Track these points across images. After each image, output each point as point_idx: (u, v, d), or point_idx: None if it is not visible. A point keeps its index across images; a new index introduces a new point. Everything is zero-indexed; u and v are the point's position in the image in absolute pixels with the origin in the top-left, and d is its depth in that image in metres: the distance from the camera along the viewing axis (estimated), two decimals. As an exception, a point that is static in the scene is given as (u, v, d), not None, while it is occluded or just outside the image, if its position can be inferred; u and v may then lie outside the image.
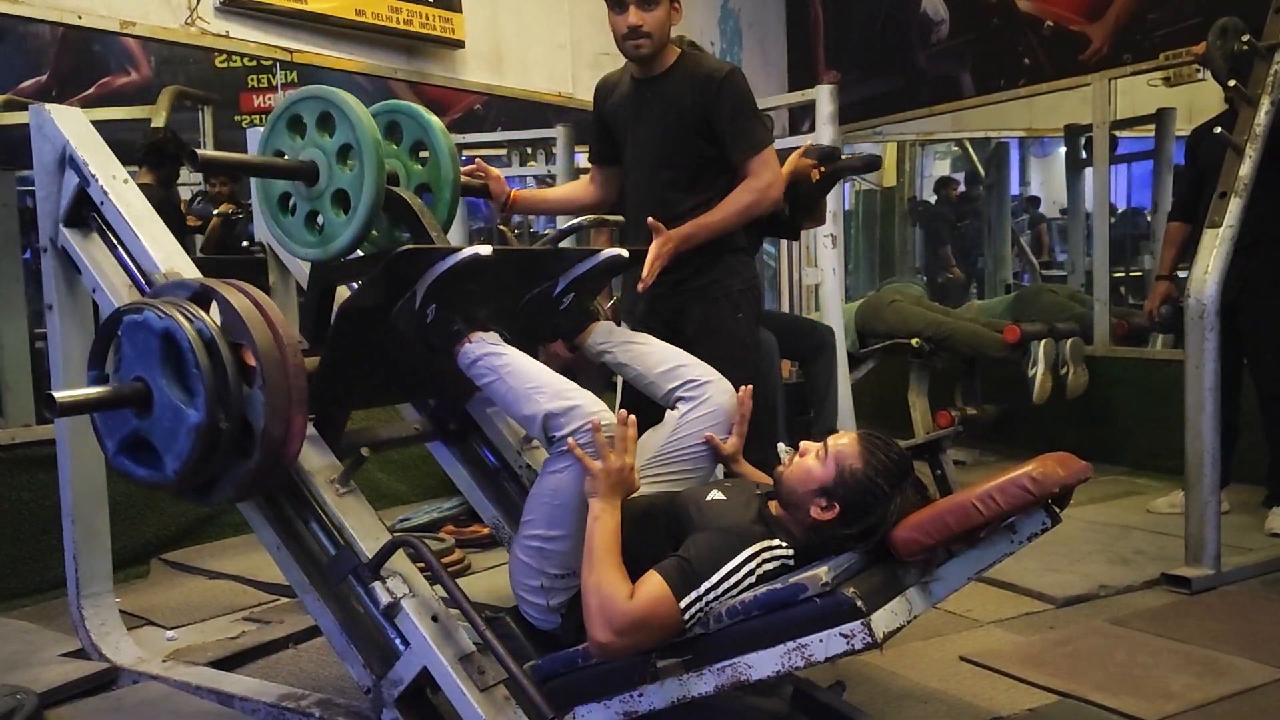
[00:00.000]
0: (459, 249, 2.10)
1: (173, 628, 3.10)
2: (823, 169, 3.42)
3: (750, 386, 2.37)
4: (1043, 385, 4.85)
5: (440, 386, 2.49)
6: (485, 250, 2.10)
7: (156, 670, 2.63)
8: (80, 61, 4.08)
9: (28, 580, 3.47)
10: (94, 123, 2.54)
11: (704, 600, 1.80)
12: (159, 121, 4.69)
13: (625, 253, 2.49)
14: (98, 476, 2.70)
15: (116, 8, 3.84)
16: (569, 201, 3.22)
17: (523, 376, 2.07)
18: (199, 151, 2.24)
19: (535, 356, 2.49)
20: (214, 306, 1.98)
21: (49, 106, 2.53)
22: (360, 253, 2.39)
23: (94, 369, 2.05)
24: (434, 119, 2.45)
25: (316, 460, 2.14)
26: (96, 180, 2.41)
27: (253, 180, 2.48)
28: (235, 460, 1.96)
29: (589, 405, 1.99)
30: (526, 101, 5.25)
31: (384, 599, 1.94)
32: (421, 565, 2.01)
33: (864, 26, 6.38)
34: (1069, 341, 4.97)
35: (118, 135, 2.50)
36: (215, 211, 4.50)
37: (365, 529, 2.06)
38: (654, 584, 1.80)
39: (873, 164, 3.85)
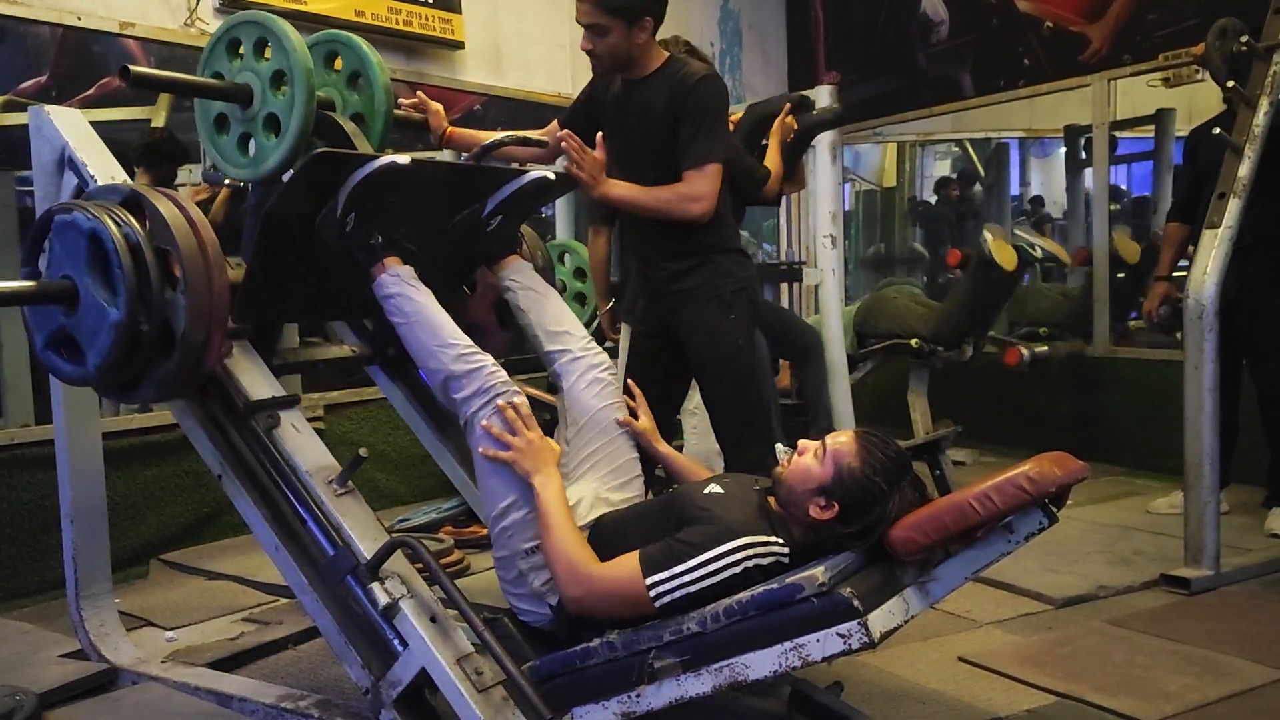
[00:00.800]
0: (376, 155, 2.14)
1: (172, 628, 3.10)
2: (794, 122, 3.45)
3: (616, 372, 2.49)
4: (1003, 252, 4.85)
5: (375, 307, 2.52)
6: (403, 159, 2.15)
7: (156, 671, 2.63)
8: (80, 62, 4.07)
9: (27, 580, 3.47)
10: (94, 123, 2.55)
11: (678, 582, 1.83)
12: (159, 122, 4.68)
13: (552, 174, 2.56)
14: (97, 475, 2.71)
15: (116, 9, 3.85)
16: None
17: (430, 329, 2.15)
18: (133, 68, 2.28)
19: (465, 284, 2.61)
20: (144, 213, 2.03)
21: (48, 108, 2.53)
22: None
23: (26, 265, 2.14)
24: (372, 51, 2.57)
25: (314, 460, 2.15)
26: (95, 181, 2.41)
27: (195, 101, 2.53)
28: (156, 361, 2.02)
29: (487, 370, 2.10)
30: (526, 101, 5.26)
31: (382, 600, 1.94)
32: (420, 566, 2.02)
33: (864, 27, 6.38)
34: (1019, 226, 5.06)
35: (118, 135, 2.53)
36: (226, 181, 4.47)
37: (364, 529, 2.06)
38: (629, 560, 1.88)
39: (839, 118, 3.84)
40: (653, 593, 1.84)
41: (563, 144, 2.63)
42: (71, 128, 2.49)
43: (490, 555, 3.64)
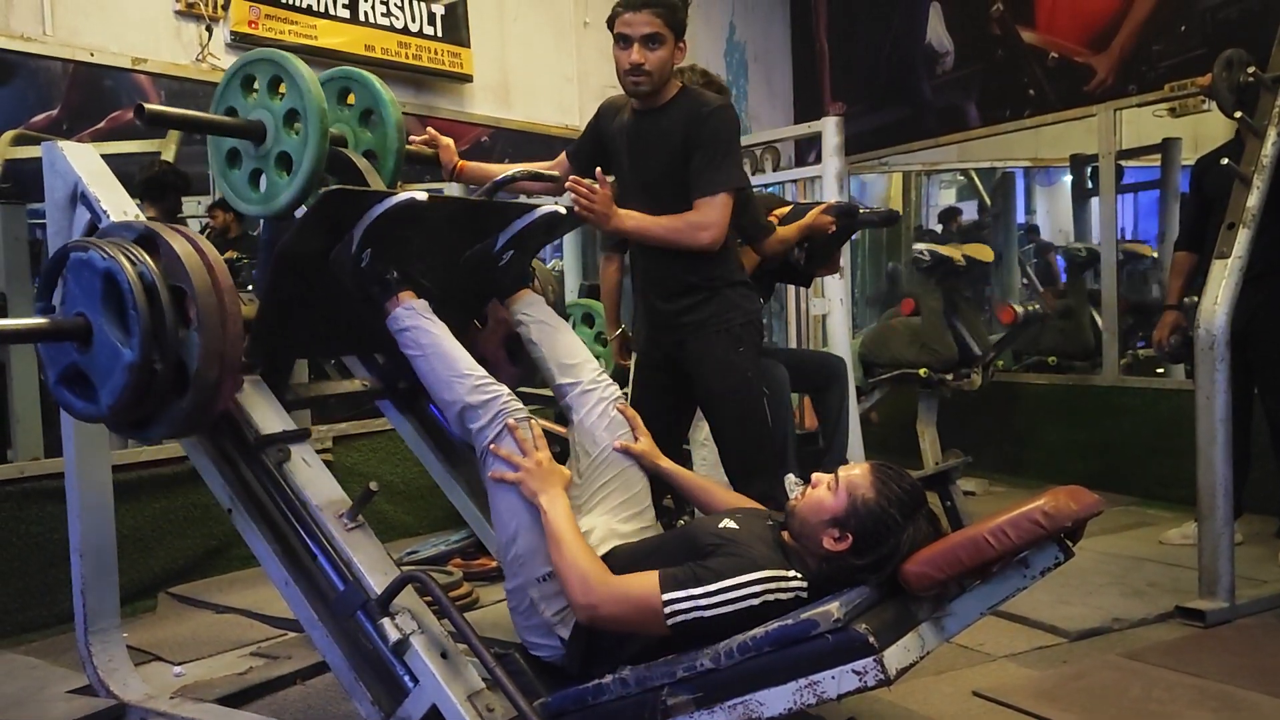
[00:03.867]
0: (394, 192, 2.15)
1: (180, 663, 3.08)
2: (839, 224, 3.48)
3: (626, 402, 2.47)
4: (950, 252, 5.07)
5: (386, 341, 2.52)
6: (421, 196, 2.16)
7: (164, 707, 2.61)
8: (91, 96, 4.11)
9: (35, 615, 3.46)
10: (104, 156, 2.56)
11: (694, 603, 1.82)
12: (169, 155, 4.71)
13: (563, 209, 2.56)
14: (107, 510, 2.70)
15: (129, 45, 3.89)
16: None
17: (446, 361, 2.16)
18: (147, 106, 2.26)
19: (475, 318, 2.61)
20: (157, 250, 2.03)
21: (61, 143, 2.54)
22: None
23: (40, 300, 2.14)
24: (385, 89, 2.58)
25: (325, 495, 2.14)
26: (108, 216, 2.42)
27: (208, 137, 2.56)
28: (170, 400, 2.01)
29: (501, 399, 2.11)
30: (534, 133, 5.30)
31: (393, 635, 1.93)
32: (430, 600, 2.00)
33: (869, 58, 6.42)
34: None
35: (120, 168, 2.55)
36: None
37: (374, 564, 2.05)
38: (647, 574, 1.88)
39: (891, 219, 3.89)
40: (667, 609, 1.82)
41: (568, 186, 2.64)
42: (84, 163, 2.50)
43: (499, 588, 3.64)
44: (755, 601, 1.83)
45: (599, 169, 2.71)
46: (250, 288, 2.62)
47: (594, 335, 4.59)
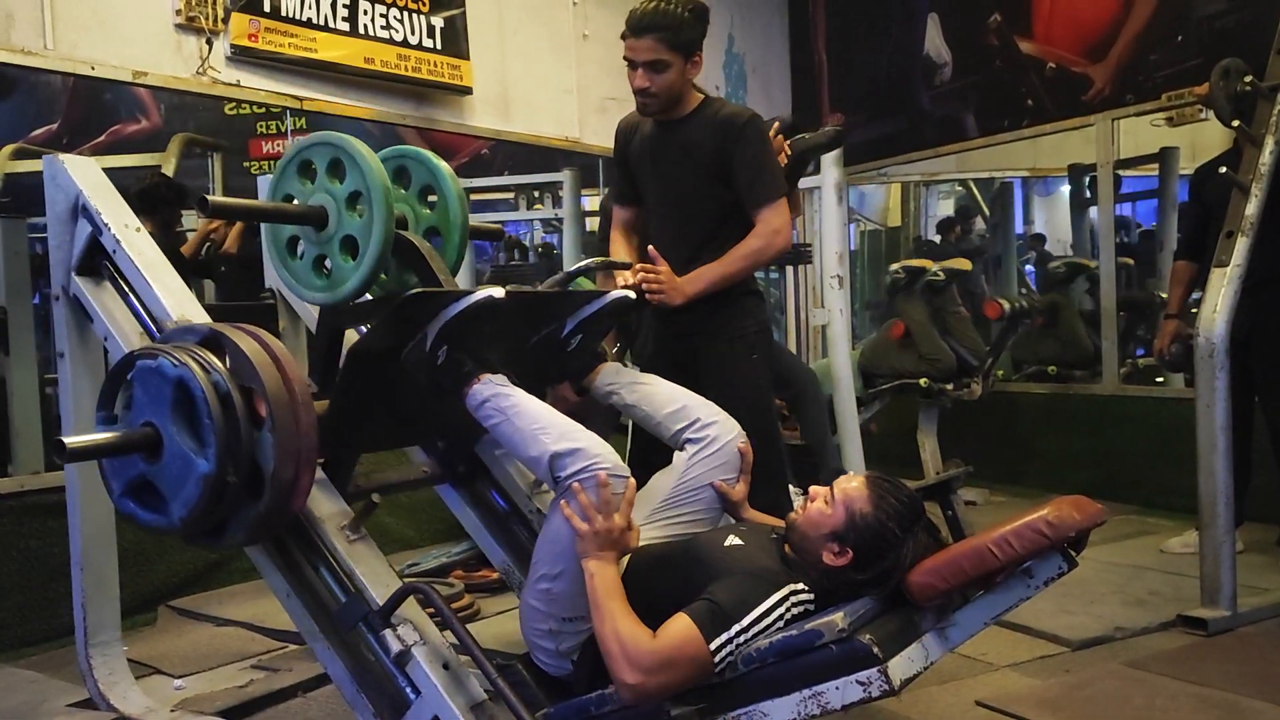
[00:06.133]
0: (471, 291, 2.11)
1: (181, 676, 3.07)
2: (789, 147, 3.42)
3: (748, 441, 2.37)
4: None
5: (449, 429, 2.49)
6: (499, 293, 2.11)
7: (164, 720, 2.61)
8: (91, 109, 4.13)
9: (35, 629, 3.45)
10: (105, 170, 2.56)
11: (735, 642, 1.78)
12: (169, 168, 4.72)
13: (632, 294, 2.51)
14: (107, 524, 2.69)
15: (129, 58, 3.89)
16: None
17: (529, 418, 2.05)
18: (210, 198, 2.25)
19: (543, 399, 2.50)
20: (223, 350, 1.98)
21: (63, 156, 2.54)
22: (369, 295, 2.40)
23: (103, 410, 2.05)
24: (442, 164, 2.47)
25: (327, 507, 2.13)
26: (109, 229, 2.42)
27: (262, 225, 2.51)
28: (244, 504, 1.95)
29: (594, 448, 1.96)
30: (534, 146, 5.30)
31: (395, 647, 1.92)
32: (431, 611, 2.00)
33: (868, 69, 6.44)
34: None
35: (127, 182, 2.52)
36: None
37: (376, 576, 2.04)
38: (682, 624, 1.79)
39: (837, 139, 3.73)
40: (716, 656, 1.77)
41: (636, 281, 2.65)
42: (86, 176, 2.51)
43: (501, 600, 3.64)
44: (783, 621, 1.82)
45: (651, 248, 2.72)
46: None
47: None
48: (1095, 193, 5.49)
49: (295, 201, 2.33)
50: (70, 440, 1.88)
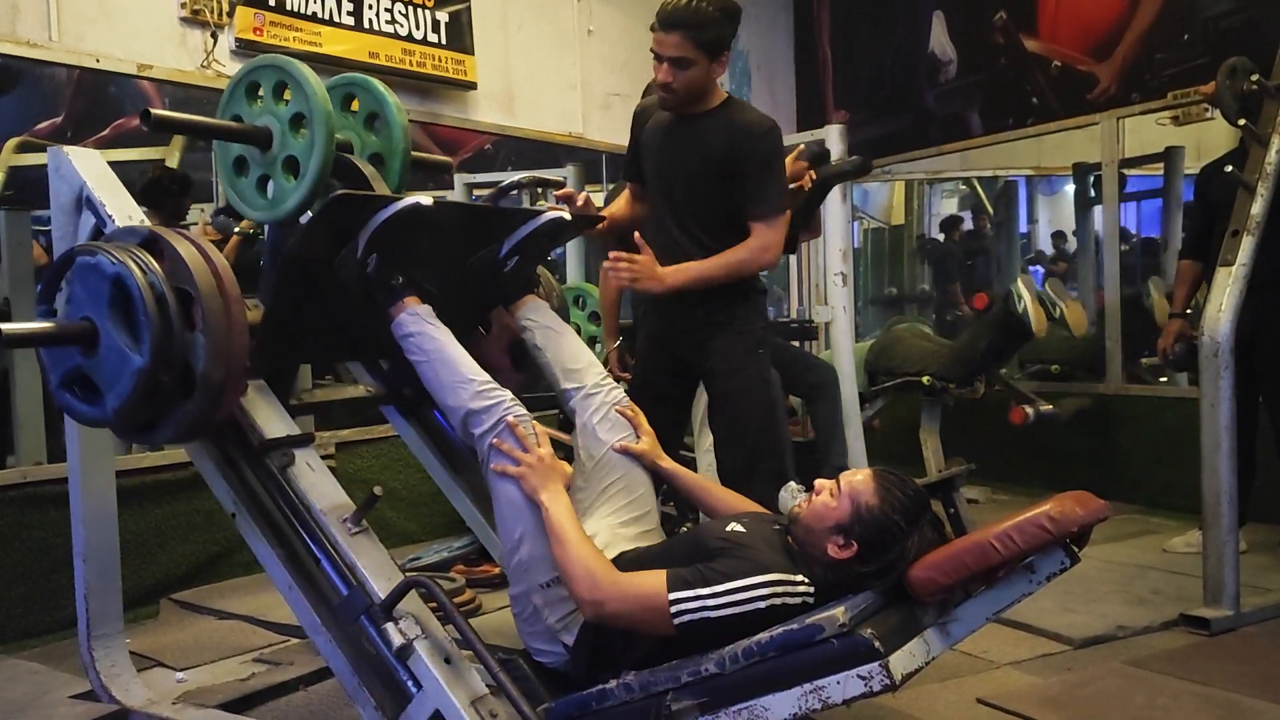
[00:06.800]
0: (399, 197, 2.15)
1: (183, 669, 3.08)
2: (814, 173, 3.42)
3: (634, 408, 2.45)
4: (1037, 315, 4.78)
5: (391, 347, 2.52)
6: (426, 200, 2.16)
7: (166, 713, 2.61)
8: (95, 103, 4.12)
9: (37, 620, 3.45)
10: (109, 163, 2.56)
11: (700, 603, 1.82)
12: (173, 161, 4.72)
13: (567, 215, 2.56)
14: (110, 515, 2.69)
15: (134, 51, 3.90)
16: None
17: (450, 366, 2.17)
18: (154, 111, 2.27)
19: (480, 324, 2.62)
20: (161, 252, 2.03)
21: (67, 149, 2.54)
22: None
23: (43, 304, 2.12)
24: (389, 94, 2.59)
25: (329, 500, 2.14)
26: (113, 221, 2.42)
27: (214, 143, 2.56)
28: (175, 403, 2.01)
29: (504, 401, 2.12)
30: (538, 141, 5.31)
31: (397, 640, 1.92)
32: (433, 605, 2.00)
33: (872, 67, 6.43)
34: (1049, 281, 5.09)
35: (131, 175, 2.55)
36: (236, 229, 4.49)
37: (378, 569, 2.04)
38: (654, 572, 1.88)
39: (864, 167, 3.76)
40: (674, 609, 1.82)
41: (610, 272, 2.66)
42: (90, 168, 2.51)
43: (503, 594, 3.64)
44: (762, 605, 1.82)
45: (637, 235, 2.72)
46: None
47: (586, 315, 4.63)
48: (1100, 192, 5.48)
49: (244, 122, 2.39)
50: (9, 327, 1.94)
